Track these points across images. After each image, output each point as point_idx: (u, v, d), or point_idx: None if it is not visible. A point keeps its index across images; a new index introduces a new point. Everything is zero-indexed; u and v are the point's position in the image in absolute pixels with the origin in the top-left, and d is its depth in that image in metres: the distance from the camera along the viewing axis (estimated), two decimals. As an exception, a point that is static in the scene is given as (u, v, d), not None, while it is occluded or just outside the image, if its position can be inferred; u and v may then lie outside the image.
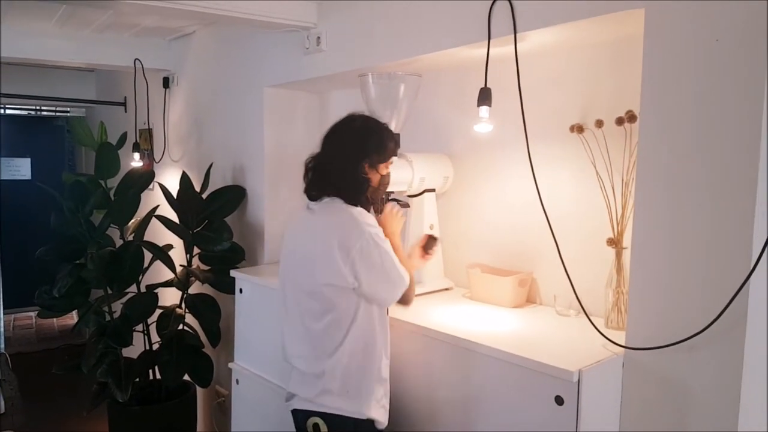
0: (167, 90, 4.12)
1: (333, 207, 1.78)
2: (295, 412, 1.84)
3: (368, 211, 1.80)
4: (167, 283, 3.33)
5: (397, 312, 2.00)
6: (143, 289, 3.30)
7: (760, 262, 1.31)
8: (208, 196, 3.28)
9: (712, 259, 1.41)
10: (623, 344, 1.59)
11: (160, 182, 3.42)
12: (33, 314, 6.79)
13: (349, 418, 1.74)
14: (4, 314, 6.13)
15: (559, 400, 1.50)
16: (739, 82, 1.35)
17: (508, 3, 1.82)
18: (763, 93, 1.31)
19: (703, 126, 1.42)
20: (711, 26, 1.39)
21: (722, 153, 1.39)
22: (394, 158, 1.89)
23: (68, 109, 6.82)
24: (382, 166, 1.83)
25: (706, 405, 1.43)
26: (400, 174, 2.20)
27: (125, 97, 4.79)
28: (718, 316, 1.37)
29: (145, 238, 3.29)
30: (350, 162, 1.77)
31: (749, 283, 1.33)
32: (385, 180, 1.87)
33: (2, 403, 2.33)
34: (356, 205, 1.77)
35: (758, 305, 1.37)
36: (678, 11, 1.45)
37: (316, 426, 1.76)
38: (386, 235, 1.82)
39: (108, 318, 3.25)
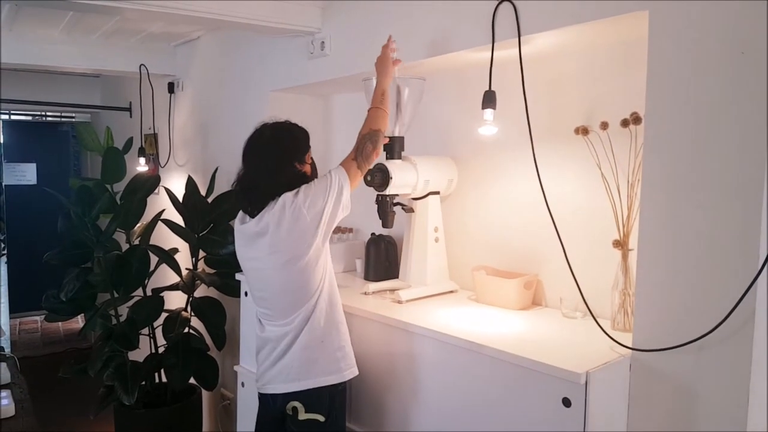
0: (172, 95, 4.14)
1: (275, 207, 1.87)
2: (274, 397, 1.97)
3: None
4: (173, 287, 3.34)
5: (404, 314, 2.01)
6: (149, 293, 3.32)
7: None
8: (214, 200, 3.29)
9: (719, 260, 1.41)
10: (630, 346, 1.59)
11: (166, 186, 3.44)
12: (39, 318, 6.81)
13: (327, 387, 1.89)
14: (9, 318, 6.16)
15: (566, 402, 1.50)
16: (745, 84, 1.36)
17: (512, 6, 1.83)
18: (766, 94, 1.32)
19: (708, 127, 1.42)
20: (715, 28, 1.40)
21: (728, 154, 1.39)
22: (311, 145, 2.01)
23: (73, 114, 6.86)
24: (307, 156, 1.97)
25: (713, 406, 1.43)
26: (405, 177, 2.21)
27: (130, 103, 4.82)
28: (726, 317, 1.37)
29: (151, 242, 3.30)
30: (280, 169, 1.89)
31: (757, 283, 1.33)
32: (314, 164, 2.02)
33: (13, 405, 2.34)
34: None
35: (766, 306, 1.37)
36: (682, 13, 1.45)
37: (294, 409, 1.91)
38: (382, 76, 2.06)
39: (114, 321, 3.27)
